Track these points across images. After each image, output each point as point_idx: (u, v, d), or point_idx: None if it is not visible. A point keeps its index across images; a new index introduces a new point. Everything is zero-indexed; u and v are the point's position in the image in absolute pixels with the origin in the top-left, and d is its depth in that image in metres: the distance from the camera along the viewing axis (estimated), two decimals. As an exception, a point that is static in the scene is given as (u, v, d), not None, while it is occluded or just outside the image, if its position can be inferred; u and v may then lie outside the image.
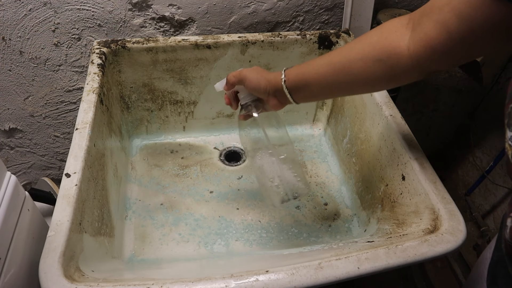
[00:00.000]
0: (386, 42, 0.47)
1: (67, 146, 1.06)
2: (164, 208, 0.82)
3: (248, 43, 0.86)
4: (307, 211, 0.83)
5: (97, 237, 0.61)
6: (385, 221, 0.69)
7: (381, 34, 0.48)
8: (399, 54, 0.46)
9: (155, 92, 0.91)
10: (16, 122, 0.97)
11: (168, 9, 0.84)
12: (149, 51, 0.83)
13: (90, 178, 0.61)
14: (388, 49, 0.47)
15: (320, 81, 0.53)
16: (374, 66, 0.48)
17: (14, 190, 0.52)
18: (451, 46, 0.42)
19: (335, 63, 0.52)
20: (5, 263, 0.48)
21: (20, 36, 0.82)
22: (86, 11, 0.81)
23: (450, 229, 0.54)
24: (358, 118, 0.83)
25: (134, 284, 0.47)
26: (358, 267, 0.50)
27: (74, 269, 0.49)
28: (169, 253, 0.75)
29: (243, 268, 0.49)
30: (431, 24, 0.42)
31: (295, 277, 0.48)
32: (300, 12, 0.92)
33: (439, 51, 0.43)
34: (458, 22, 0.40)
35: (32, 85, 0.91)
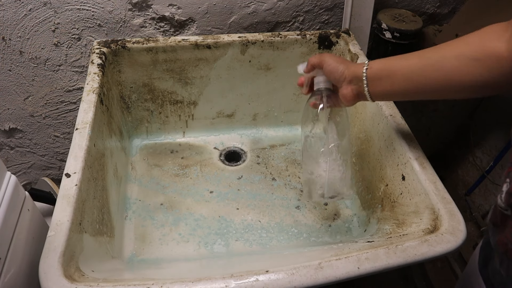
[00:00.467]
0: (484, 42, 0.45)
1: (67, 146, 1.06)
2: (164, 208, 0.82)
3: (248, 43, 0.86)
4: (307, 211, 0.83)
5: (97, 237, 0.61)
6: (385, 221, 0.69)
7: (479, 35, 0.46)
8: (498, 56, 0.44)
9: (155, 92, 0.91)
10: (16, 122, 0.97)
11: (168, 9, 0.84)
12: (149, 51, 0.83)
13: (90, 178, 0.61)
14: (487, 49, 0.44)
15: (407, 72, 0.50)
16: (470, 66, 0.45)
17: (14, 190, 0.52)
18: None
19: (427, 56, 0.49)
20: (5, 263, 0.48)
21: (20, 36, 0.82)
22: (86, 11, 0.81)
23: (450, 229, 0.54)
24: (358, 118, 0.83)
25: (134, 284, 0.47)
26: (358, 267, 0.50)
27: (74, 269, 0.49)
28: (169, 253, 0.75)
29: (243, 268, 0.49)
30: None
31: (295, 277, 0.48)
32: (300, 12, 0.92)
33: None
34: None
35: (32, 85, 0.91)
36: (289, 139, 0.98)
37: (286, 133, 0.85)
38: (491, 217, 0.44)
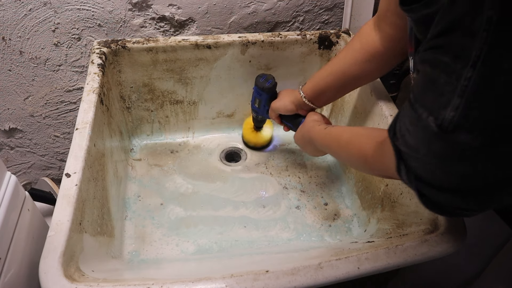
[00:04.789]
0: (366, 47, 0.63)
1: (67, 146, 1.06)
2: (164, 208, 0.82)
3: (248, 43, 0.86)
4: (307, 211, 0.83)
5: (97, 237, 0.61)
6: (385, 221, 0.69)
7: (359, 42, 0.64)
8: (379, 52, 0.62)
9: (155, 92, 0.91)
10: (16, 122, 0.97)
11: (168, 9, 0.84)
12: (149, 51, 0.83)
13: (90, 178, 0.61)
14: (370, 52, 0.62)
15: (331, 87, 0.69)
16: (366, 66, 0.64)
17: (14, 190, 0.52)
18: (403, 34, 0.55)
19: (337, 72, 0.67)
20: (5, 263, 0.48)
21: (20, 36, 0.82)
22: (86, 11, 0.81)
23: (450, 229, 0.54)
24: (358, 118, 0.83)
25: (134, 284, 0.47)
26: (358, 267, 0.50)
27: (74, 269, 0.49)
28: (169, 253, 0.75)
29: (243, 268, 0.50)
30: (387, 26, 0.59)
31: (295, 277, 0.48)
32: (300, 12, 0.92)
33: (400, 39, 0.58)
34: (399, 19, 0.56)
35: (32, 85, 0.91)
36: (289, 139, 0.98)
37: (286, 133, 0.85)
38: None
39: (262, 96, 0.80)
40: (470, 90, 0.27)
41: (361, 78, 0.67)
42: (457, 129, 0.29)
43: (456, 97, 0.28)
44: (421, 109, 0.32)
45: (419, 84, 0.33)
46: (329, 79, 0.68)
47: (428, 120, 0.31)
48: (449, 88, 0.29)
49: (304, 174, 0.91)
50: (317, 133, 0.68)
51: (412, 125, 0.35)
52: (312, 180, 0.90)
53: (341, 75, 0.67)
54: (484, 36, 0.26)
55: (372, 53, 0.62)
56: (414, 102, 0.33)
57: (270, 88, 0.79)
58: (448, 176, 0.34)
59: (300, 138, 0.74)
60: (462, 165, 0.32)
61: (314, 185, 0.89)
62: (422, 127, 0.32)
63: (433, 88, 0.30)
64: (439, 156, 0.33)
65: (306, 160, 0.95)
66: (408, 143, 0.36)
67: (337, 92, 0.71)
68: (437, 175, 0.35)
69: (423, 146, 0.34)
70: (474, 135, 0.29)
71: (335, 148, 0.63)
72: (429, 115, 0.31)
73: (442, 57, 0.30)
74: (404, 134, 0.37)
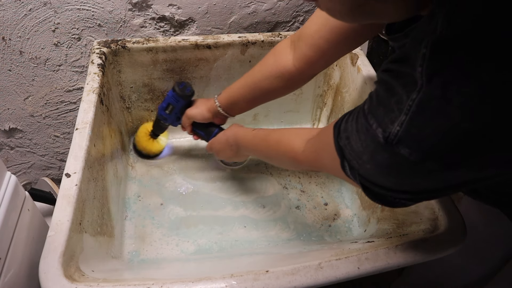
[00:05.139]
0: (279, 63, 0.65)
1: (67, 146, 1.06)
2: (164, 208, 0.82)
3: (248, 43, 0.86)
4: (307, 211, 0.83)
5: (97, 237, 0.61)
6: (385, 221, 0.69)
7: (274, 57, 0.67)
8: (289, 71, 0.64)
9: (155, 92, 0.91)
10: (16, 122, 0.97)
11: (168, 9, 0.84)
12: (149, 51, 0.83)
13: (90, 178, 0.61)
14: (281, 69, 0.65)
15: (244, 98, 0.72)
16: (276, 82, 0.67)
17: (14, 190, 0.52)
18: (323, 58, 0.60)
19: (249, 84, 0.70)
20: (5, 263, 0.48)
21: (20, 36, 0.82)
22: (86, 11, 0.81)
23: (450, 229, 0.54)
24: (358, 118, 0.83)
25: (134, 284, 0.47)
26: (358, 267, 0.50)
27: (74, 269, 0.49)
28: (169, 253, 0.75)
29: (243, 268, 0.50)
30: (306, 47, 0.61)
31: (295, 277, 0.48)
32: (300, 12, 0.92)
33: (316, 63, 0.62)
34: (326, 43, 0.58)
35: (32, 85, 0.91)
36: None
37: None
38: None
39: (179, 103, 0.78)
40: (412, 109, 0.32)
41: (271, 93, 0.69)
42: (399, 143, 0.33)
43: (403, 114, 0.32)
44: (373, 119, 0.36)
45: (374, 97, 0.37)
46: (241, 90, 0.71)
47: (377, 131, 0.35)
48: (399, 106, 0.33)
49: (304, 174, 0.91)
50: (244, 135, 0.70)
51: (361, 133, 0.38)
52: (312, 180, 0.90)
53: (253, 88, 0.70)
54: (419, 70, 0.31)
55: (282, 71, 0.65)
56: (368, 112, 0.37)
57: (189, 96, 0.78)
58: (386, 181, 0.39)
59: (222, 143, 0.74)
60: (399, 175, 0.37)
61: (314, 185, 0.89)
62: (370, 137, 0.36)
63: (387, 104, 0.34)
64: (381, 165, 0.37)
65: (306, 160, 0.95)
66: (352, 147, 0.40)
67: (250, 103, 0.73)
68: (378, 179, 0.39)
69: (367, 153, 0.37)
70: (412, 150, 0.33)
71: (263, 148, 0.65)
72: (378, 126, 0.35)
73: (395, 81, 0.34)
74: (349, 137, 0.40)
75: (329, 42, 0.58)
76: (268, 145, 0.63)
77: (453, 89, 0.29)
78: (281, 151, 0.60)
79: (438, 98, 0.30)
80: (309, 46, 0.60)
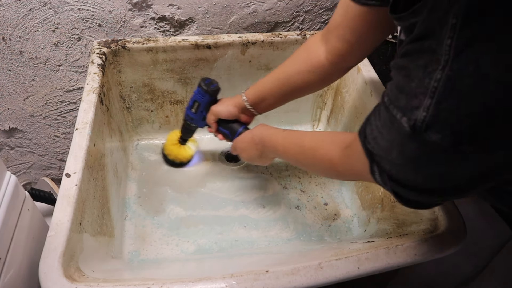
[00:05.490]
0: (311, 57, 0.63)
1: (67, 146, 1.06)
2: (164, 208, 0.82)
3: (248, 43, 0.86)
4: (307, 211, 0.83)
5: (97, 237, 0.61)
6: (385, 221, 0.69)
7: (306, 51, 0.65)
8: (322, 65, 0.62)
9: (155, 92, 0.91)
10: (16, 122, 0.97)
11: (168, 9, 0.84)
12: (149, 51, 0.83)
13: (90, 178, 0.61)
14: (314, 63, 0.63)
15: (273, 94, 0.69)
16: (309, 76, 0.64)
17: (14, 190, 0.52)
18: (353, 50, 0.59)
19: (280, 79, 0.68)
20: (5, 263, 0.48)
21: (20, 36, 0.82)
22: (86, 11, 0.81)
23: (450, 229, 0.54)
24: (358, 118, 0.83)
25: (134, 284, 0.47)
26: (358, 267, 0.50)
27: (74, 269, 0.49)
28: (169, 253, 0.75)
29: (243, 268, 0.50)
30: (335, 39, 0.59)
31: (295, 277, 0.48)
32: (300, 12, 0.92)
33: (347, 55, 0.60)
34: (351, 34, 0.57)
35: (32, 85, 0.91)
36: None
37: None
38: None
39: (204, 98, 0.75)
40: (439, 91, 0.29)
41: (303, 88, 0.67)
42: (428, 129, 0.31)
43: (427, 98, 0.30)
44: (395, 110, 0.34)
45: (393, 87, 0.35)
46: (272, 85, 0.69)
47: (402, 121, 0.33)
48: (421, 90, 0.30)
49: (304, 174, 0.91)
50: (272, 134, 0.66)
51: (386, 127, 0.36)
52: (312, 180, 0.90)
53: (283, 83, 0.67)
54: (448, 43, 0.28)
55: (315, 65, 0.63)
56: (389, 104, 0.35)
57: (214, 91, 0.75)
58: (420, 177, 0.36)
59: (246, 142, 0.70)
60: (433, 166, 0.34)
61: (314, 185, 0.89)
62: (396, 129, 0.34)
63: (407, 91, 0.32)
64: (412, 158, 0.34)
65: (306, 160, 0.95)
66: (380, 146, 0.38)
67: (279, 99, 0.70)
68: (409, 176, 0.37)
69: (396, 148, 0.35)
70: (443, 135, 0.30)
71: (296, 153, 0.61)
72: (402, 116, 0.33)
73: (416, 62, 0.32)
74: (376, 137, 0.38)
75: (354, 31, 0.56)
76: (303, 151, 0.60)
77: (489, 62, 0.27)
78: (318, 159, 0.56)
79: (471, 74, 0.27)
80: (337, 37, 0.59)
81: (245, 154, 0.72)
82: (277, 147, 0.64)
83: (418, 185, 0.37)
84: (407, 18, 0.39)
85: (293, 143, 0.62)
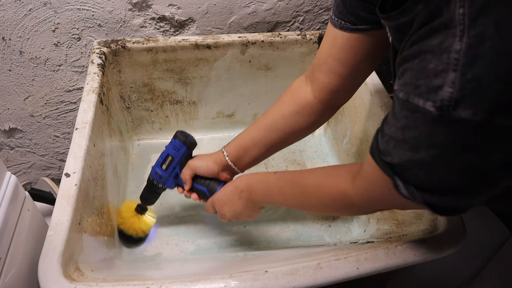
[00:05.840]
0: (297, 98, 0.60)
1: (67, 146, 1.06)
2: (164, 208, 0.82)
3: (248, 43, 0.86)
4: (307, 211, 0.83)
5: (97, 237, 0.61)
6: (385, 221, 0.69)
7: (291, 94, 0.61)
8: (310, 104, 0.58)
9: (155, 92, 0.91)
10: (16, 122, 0.97)
11: (168, 9, 0.84)
12: (149, 51, 0.83)
13: (90, 178, 0.61)
14: (300, 103, 0.59)
15: (256, 144, 0.63)
16: (295, 119, 0.60)
17: (14, 190, 0.52)
18: (343, 83, 0.55)
19: (262, 126, 0.62)
20: (5, 263, 0.48)
21: (20, 36, 0.82)
22: (86, 11, 0.81)
23: (450, 230, 0.54)
24: (358, 118, 0.83)
25: (133, 284, 0.47)
26: (358, 267, 0.50)
27: (73, 269, 0.49)
28: (168, 253, 0.75)
29: (243, 268, 0.50)
30: (322, 74, 0.56)
31: (295, 277, 0.48)
32: (300, 12, 0.92)
33: (337, 90, 0.56)
34: (340, 65, 0.54)
35: (32, 85, 0.91)
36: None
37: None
38: None
39: (180, 151, 0.67)
40: (461, 62, 0.28)
41: (290, 134, 0.61)
42: (457, 105, 0.28)
43: (450, 73, 0.28)
44: (416, 98, 0.31)
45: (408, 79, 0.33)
46: (254, 134, 0.63)
47: (426, 106, 0.30)
48: (441, 67, 0.29)
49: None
50: (262, 179, 0.58)
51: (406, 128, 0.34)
52: (312, 180, 0.90)
53: (267, 130, 0.62)
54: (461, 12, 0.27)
55: (302, 105, 0.59)
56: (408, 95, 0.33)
57: (192, 143, 0.67)
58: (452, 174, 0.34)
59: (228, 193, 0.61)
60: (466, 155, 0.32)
61: (314, 185, 0.89)
62: (421, 118, 0.31)
63: (426, 74, 0.30)
64: (442, 148, 0.32)
65: (306, 160, 0.95)
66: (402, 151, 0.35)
67: (263, 151, 0.63)
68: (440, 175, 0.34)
69: (423, 143, 0.33)
70: (474, 109, 0.28)
71: (296, 194, 0.54)
72: (426, 100, 0.30)
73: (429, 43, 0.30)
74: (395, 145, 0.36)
75: (344, 63, 0.53)
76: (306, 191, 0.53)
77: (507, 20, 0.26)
78: (328, 197, 0.50)
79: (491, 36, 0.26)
80: (325, 72, 0.56)
81: (226, 209, 0.62)
82: (269, 191, 0.57)
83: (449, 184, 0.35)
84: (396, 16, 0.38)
85: (290, 183, 0.55)
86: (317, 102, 0.59)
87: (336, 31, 0.52)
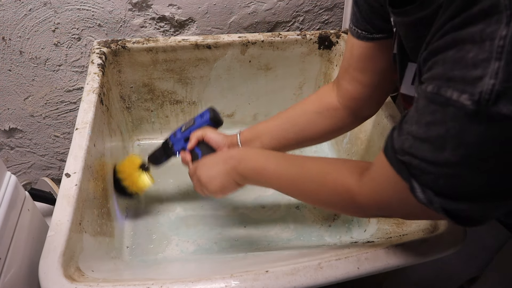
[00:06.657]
0: (321, 100, 0.60)
1: (67, 146, 1.06)
2: (164, 208, 0.82)
3: (248, 43, 0.86)
4: (307, 211, 0.83)
5: (97, 237, 0.61)
6: (385, 221, 0.69)
7: (317, 96, 0.62)
8: (334, 107, 0.59)
9: (155, 92, 0.91)
10: (16, 122, 0.97)
11: (168, 9, 0.84)
12: (149, 51, 0.83)
13: (90, 178, 0.61)
14: (324, 104, 0.60)
15: (270, 132, 0.62)
16: (316, 117, 0.60)
17: (14, 190, 0.52)
18: (367, 91, 0.55)
19: (282, 117, 0.62)
20: (5, 263, 0.48)
21: (20, 36, 0.82)
22: (86, 11, 0.81)
23: (450, 230, 0.54)
24: (358, 118, 0.83)
25: (134, 284, 0.47)
26: (358, 267, 0.50)
27: (74, 269, 0.49)
28: (169, 253, 0.75)
29: (243, 268, 0.49)
30: (346, 82, 0.57)
31: (295, 277, 0.48)
32: (300, 12, 0.92)
33: (360, 99, 0.57)
34: (361, 74, 0.54)
35: (32, 85, 0.91)
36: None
37: None
38: None
39: (203, 119, 0.68)
40: (507, 49, 0.25)
41: (306, 131, 0.59)
42: (498, 99, 0.25)
43: (494, 62, 0.25)
44: (449, 90, 0.28)
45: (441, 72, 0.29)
46: (272, 123, 0.62)
47: (461, 100, 0.27)
48: (483, 56, 0.26)
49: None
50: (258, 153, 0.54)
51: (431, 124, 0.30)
52: (312, 180, 0.90)
53: (285, 121, 0.61)
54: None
55: (325, 106, 0.59)
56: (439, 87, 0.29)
57: (216, 118, 0.68)
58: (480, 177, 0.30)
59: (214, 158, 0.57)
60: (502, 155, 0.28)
61: (314, 185, 0.89)
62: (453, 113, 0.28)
63: (463, 64, 0.27)
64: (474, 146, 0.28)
65: (306, 160, 0.95)
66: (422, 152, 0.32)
67: (276, 140, 0.61)
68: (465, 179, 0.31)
69: (450, 142, 0.29)
70: None
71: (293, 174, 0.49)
72: (461, 93, 0.27)
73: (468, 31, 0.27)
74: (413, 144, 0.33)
75: (363, 72, 0.54)
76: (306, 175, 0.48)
77: None
78: (330, 187, 0.46)
79: None
80: (348, 80, 0.56)
81: (204, 171, 0.56)
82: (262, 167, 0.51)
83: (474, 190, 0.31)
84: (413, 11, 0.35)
85: (290, 161, 0.50)
86: (341, 108, 0.59)
87: (354, 40, 0.52)
